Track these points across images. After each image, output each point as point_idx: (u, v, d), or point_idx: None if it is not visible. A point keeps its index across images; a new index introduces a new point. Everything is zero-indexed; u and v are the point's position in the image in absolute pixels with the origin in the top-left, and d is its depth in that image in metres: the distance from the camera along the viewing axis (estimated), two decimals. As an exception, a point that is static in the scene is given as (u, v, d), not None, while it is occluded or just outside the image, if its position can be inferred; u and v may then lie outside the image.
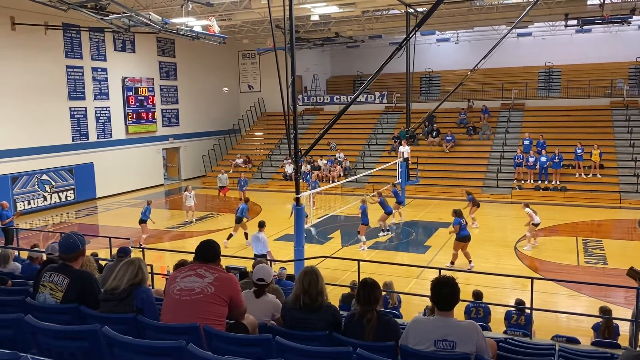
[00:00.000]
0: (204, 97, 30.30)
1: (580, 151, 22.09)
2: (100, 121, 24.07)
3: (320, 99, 32.40)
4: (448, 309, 3.58)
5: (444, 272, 6.27)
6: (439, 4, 11.31)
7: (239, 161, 28.22)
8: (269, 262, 10.02)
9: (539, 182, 22.33)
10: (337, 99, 31.52)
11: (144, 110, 26.39)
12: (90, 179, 23.42)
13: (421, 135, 26.72)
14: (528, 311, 8.07)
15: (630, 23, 23.43)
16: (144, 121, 26.44)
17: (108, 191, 24.16)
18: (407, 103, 24.16)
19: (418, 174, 22.68)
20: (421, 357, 3.47)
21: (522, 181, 22.70)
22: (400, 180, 20.95)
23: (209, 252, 4.01)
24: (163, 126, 27.79)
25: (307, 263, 11.55)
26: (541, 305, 9.12)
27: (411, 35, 13.19)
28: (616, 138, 23.64)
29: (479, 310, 8.35)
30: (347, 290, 9.20)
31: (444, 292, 3.57)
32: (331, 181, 23.27)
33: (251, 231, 16.86)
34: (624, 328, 7.77)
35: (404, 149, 21.91)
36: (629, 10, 21.90)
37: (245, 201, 16.72)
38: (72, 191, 22.66)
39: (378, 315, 3.94)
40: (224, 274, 3.90)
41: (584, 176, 22.10)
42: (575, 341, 6.92)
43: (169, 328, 3.63)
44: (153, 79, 27.03)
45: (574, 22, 23.07)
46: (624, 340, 7.52)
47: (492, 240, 15.94)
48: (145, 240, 16.03)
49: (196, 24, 19.99)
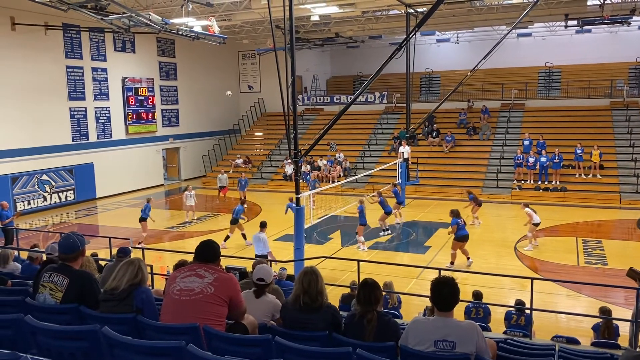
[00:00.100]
0: (204, 97, 30.31)
1: (580, 151, 22.09)
2: (100, 121, 24.08)
3: (320, 99, 32.41)
4: (448, 309, 3.58)
5: (443, 273, 6.27)
6: (439, 4, 11.31)
7: (239, 161, 28.22)
8: (269, 263, 10.03)
9: (539, 182, 22.33)
10: (337, 99, 31.53)
11: (144, 111, 26.40)
12: (90, 179, 23.42)
13: (421, 135, 26.72)
14: (528, 311, 8.07)
15: (630, 23, 23.43)
16: (144, 121, 26.45)
17: (108, 191, 24.17)
18: (407, 103, 24.18)
19: (418, 174, 22.69)
20: (421, 357, 3.47)
21: (522, 181, 22.70)
22: (400, 180, 20.96)
23: (208, 252, 4.01)
24: (163, 126, 27.80)
25: (307, 263, 11.55)
26: (541, 306, 9.11)
27: (411, 36, 13.20)
28: (616, 138, 23.64)
29: (478, 311, 8.36)
30: (347, 291, 9.21)
31: (443, 292, 3.58)
32: (331, 181, 23.27)
33: (251, 231, 16.90)
34: (624, 328, 7.77)
35: (404, 149, 21.93)
36: (629, 11, 21.89)
37: (242, 202, 16.71)
38: (72, 191, 22.67)
39: (378, 315, 3.94)
40: (223, 274, 3.90)
41: (584, 176, 22.10)
42: (575, 342, 6.92)
43: (168, 328, 3.63)
44: (153, 79, 27.04)
45: (574, 22, 23.07)
46: (623, 340, 7.51)
47: (492, 240, 15.95)
48: (145, 239, 16.04)
49: (196, 24, 20.00)
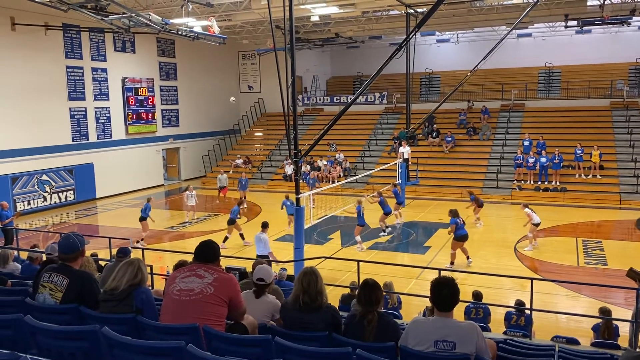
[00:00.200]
0: (204, 97, 30.31)
1: (580, 152, 22.09)
2: (100, 121, 24.07)
3: (320, 100, 32.40)
4: (448, 309, 3.58)
5: (443, 273, 6.26)
6: (439, 4, 11.31)
7: (239, 162, 28.21)
8: (269, 263, 10.01)
9: (539, 182, 22.33)
10: (337, 99, 31.53)
11: (143, 111, 26.40)
12: (90, 179, 23.42)
13: (421, 135, 26.73)
14: (528, 312, 8.07)
15: (630, 24, 23.45)
16: (143, 121, 26.45)
17: (108, 191, 24.17)
18: (407, 104, 24.19)
19: (418, 174, 22.70)
20: (421, 357, 3.47)
21: (522, 182, 22.69)
22: (400, 180, 20.96)
23: (208, 252, 4.01)
24: (163, 126, 27.80)
25: (307, 263, 11.55)
26: (541, 306, 9.11)
27: (411, 36, 13.20)
28: (616, 139, 23.64)
29: (478, 311, 8.36)
30: (347, 291, 9.20)
31: (443, 292, 3.58)
32: (331, 182, 23.26)
33: (250, 231, 16.90)
34: (624, 329, 7.77)
35: (404, 150, 21.93)
36: (628, 11, 21.88)
37: (239, 202, 16.73)
38: (72, 191, 22.66)
39: (379, 316, 3.93)
40: (223, 274, 3.90)
41: (584, 177, 22.09)
42: (575, 342, 6.92)
43: (168, 328, 3.63)
44: (153, 79, 27.04)
45: (574, 22, 23.09)
46: (623, 341, 7.51)
47: (492, 240, 15.95)
48: (145, 239, 16.05)
49: (196, 24, 20.00)
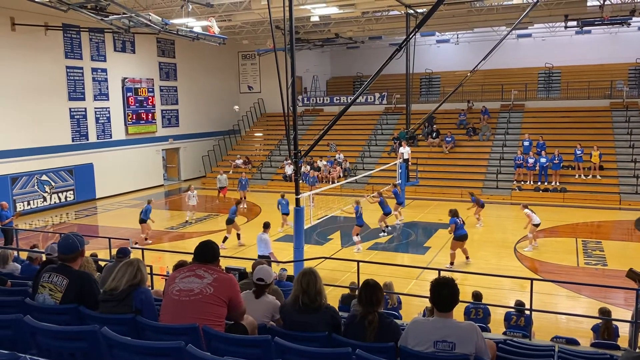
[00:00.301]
0: (204, 97, 30.32)
1: (580, 152, 22.09)
2: (100, 122, 24.07)
3: (320, 100, 32.40)
4: (447, 310, 3.58)
5: (443, 273, 6.25)
6: (439, 5, 11.32)
7: (239, 162, 28.20)
8: (269, 263, 10.00)
9: (539, 183, 22.33)
10: (337, 99, 31.53)
11: (143, 111, 26.40)
12: (90, 179, 23.42)
13: (421, 136, 26.73)
14: (528, 312, 8.07)
15: (629, 24, 23.46)
16: (143, 122, 26.45)
17: (108, 192, 24.16)
18: (407, 104, 24.20)
19: (418, 175, 22.70)
20: (420, 358, 3.47)
21: (522, 182, 22.69)
22: (400, 181, 20.96)
23: (208, 252, 4.01)
24: (163, 127, 27.80)
25: (306, 264, 11.55)
26: (541, 307, 9.10)
27: (411, 36, 13.20)
28: (616, 139, 23.64)
29: (478, 312, 8.35)
30: (347, 291, 9.20)
31: (443, 293, 3.57)
32: (331, 182, 23.26)
33: (249, 231, 16.90)
34: (624, 329, 7.77)
35: (404, 150, 21.92)
36: (628, 12, 21.88)
37: (237, 202, 16.74)
38: (71, 192, 22.66)
39: (380, 316, 3.93)
40: (223, 274, 3.90)
41: (584, 177, 22.09)
42: (574, 342, 6.92)
43: (168, 329, 3.63)
44: (153, 79, 27.04)
45: (574, 23, 23.08)
46: (623, 341, 7.51)
47: (492, 241, 15.95)
48: (142, 241, 16.01)
49: (196, 24, 20.00)
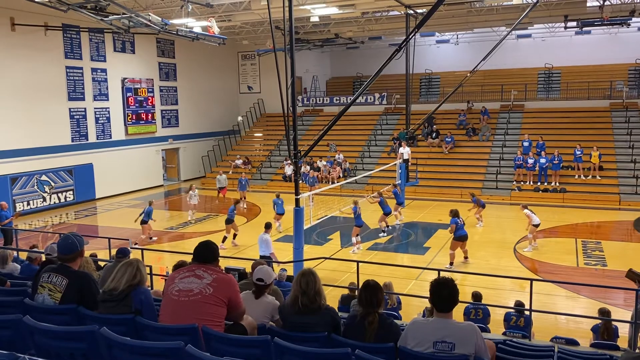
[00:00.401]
0: (204, 98, 30.31)
1: (579, 153, 22.09)
2: (99, 122, 24.07)
3: (319, 100, 32.40)
4: (447, 310, 3.57)
5: (443, 274, 6.25)
6: (439, 5, 11.31)
7: (239, 162, 28.20)
8: (269, 263, 10.00)
9: (539, 183, 22.33)
10: (336, 100, 31.53)
11: (143, 111, 26.39)
12: (89, 179, 23.41)
13: (421, 136, 26.73)
14: (527, 313, 8.07)
15: (629, 25, 23.47)
16: (143, 122, 26.44)
17: (107, 192, 24.15)
18: (407, 104, 24.19)
19: (417, 175, 22.70)
20: (420, 358, 3.46)
21: (522, 182, 22.69)
22: (400, 181, 20.96)
23: (207, 253, 4.01)
24: (162, 127, 27.79)
25: (306, 264, 11.55)
26: (540, 307, 9.11)
27: (411, 37, 13.20)
28: (615, 140, 23.64)
29: (478, 312, 8.35)
30: (347, 292, 9.20)
31: (443, 293, 3.57)
32: (331, 182, 23.27)
33: (249, 232, 16.90)
34: (623, 330, 7.77)
35: (404, 150, 21.92)
36: (628, 12, 21.90)
37: (235, 202, 16.75)
38: (71, 192, 22.65)
39: (380, 317, 3.91)
40: (222, 275, 3.90)
41: (584, 178, 22.09)
42: (574, 343, 6.92)
43: (167, 329, 3.63)
44: (153, 79, 27.03)
45: (574, 23, 23.10)
46: (623, 342, 7.52)
47: (492, 241, 15.95)
48: (142, 241, 16.04)
49: (196, 25, 20.01)
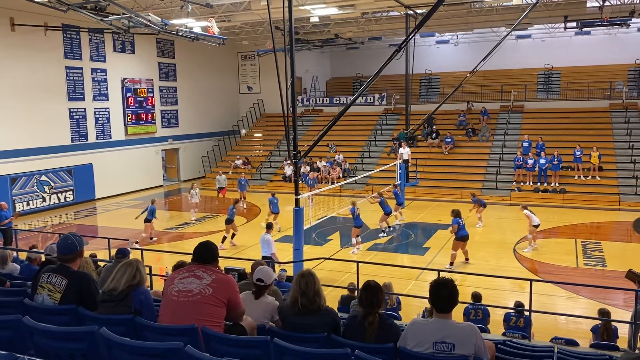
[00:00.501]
0: (204, 98, 30.31)
1: (579, 153, 22.09)
2: (99, 122, 24.06)
3: (319, 101, 32.40)
4: (447, 310, 3.57)
5: (443, 274, 6.24)
6: (439, 5, 11.32)
7: (238, 162, 28.20)
8: (269, 264, 9.99)
9: (538, 184, 22.34)
10: (336, 100, 31.52)
11: (143, 111, 26.39)
12: (89, 180, 23.40)
13: (420, 137, 26.73)
14: (527, 313, 8.07)
15: (629, 25, 23.45)
16: (143, 122, 26.44)
17: (107, 192, 24.15)
18: (407, 105, 24.19)
19: (417, 175, 22.69)
20: (419, 358, 3.46)
21: (521, 183, 22.69)
22: (400, 181, 20.97)
23: (207, 253, 4.00)
24: (162, 127, 27.79)
25: (306, 264, 11.55)
26: (540, 308, 9.11)
27: (411, 37, 13.21)
28: (615, 140, 23.65)
29: (477, 312, 8.35)
30: (346, 292, 9.19)
31: (442, 294, 3.57)
32: (330, 183, 23.27)
33: (248, 232, 16.90)
34: (623, 330, 7.77)
35: (404, 151, 21.92)
36: (628, 13, 21.89)
37: (234, 202, 16.77)
38: (71, 192, 22.64)
39: (380, 318, 3.91)
40: (222, 275, 3.90)
41: (583, 178, 22.09)
42: (574, 343, 6.92)
43: (167, 329, 3.62)
44: (152, 80, 27.03)
45: (573, 24, 23.08)
46: (622, 342, 7.52)
47: (492, 242, 15.95)
48: (143, 240, 16.05)
49: (196, 25, 20.01)
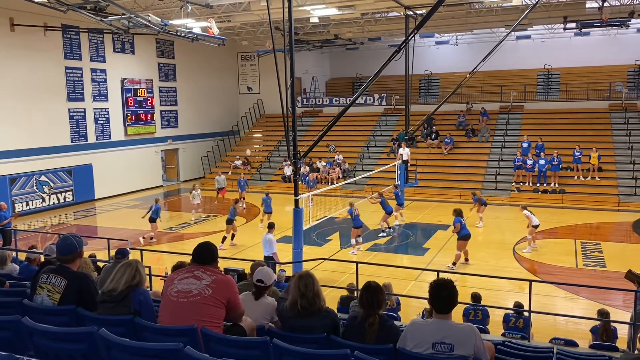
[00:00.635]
0: (203, 98, 30.31)
1: (578, 154, 22.10)
2: (99, 122, 24.05)
3: (319, 101, 32.40)
4: (446, 311, 3.57)
5: (442, 275, 6.26)
6: (438, 6, 11.34)
7: (238, 163, 28.19)
8: (269, 264, 9.99)
9: (538, 184, 22.34)
10: (336, 100, 31.53)
11: (142, 112, 26.38)
12: (88, 180, 23.39)
13: (420, 137, 26.73)
14: (526, 314, 8.07)
15: (628, 26, 23.46)
16: (142, 122, 26.43)
17: (107, 192, 24.14)
18: (406, 105, 24.19)
19: (417, 176, 22.70)
20: (419, 359, 3.46)
21: (521, 184, 22.69)
22: (400, 182, 20.97)
23: (206, 254, 4.01)
24: (162, 127, 27.78)
25: (305, 265, 11.55)
26: (539, 308, 9.11)
27: (410, 38, 13.22)
28: (615, 141, 23.65)
29: (477, 313, 8.35)
30: (346, 293, 9.19)
31: (442, 294, 3.57)
32: (330, 183, 23.27)
33: (248, 232, 16.90)
34: (622, 331, 7.78)
35: (403, 151, 21.92)
36: (627, 14, 21.92)
37: (235, 202, 16.79)
38: (70, 192, 22.64)
39: (380, 319, 3.90)
40: (221, 276, 3.90)
41: (583, 179, 22.10)
42: (573, 344, 6.92)
43: (166, 330, 3.62)
44: (152, 80, 27.02)
45: (573, 25, 23.11)
46: (622, 343, 7.52)
47: (491, 242, 15.94)
48: (147, 240, 16.09)
49: (195, 25, 20.00)
